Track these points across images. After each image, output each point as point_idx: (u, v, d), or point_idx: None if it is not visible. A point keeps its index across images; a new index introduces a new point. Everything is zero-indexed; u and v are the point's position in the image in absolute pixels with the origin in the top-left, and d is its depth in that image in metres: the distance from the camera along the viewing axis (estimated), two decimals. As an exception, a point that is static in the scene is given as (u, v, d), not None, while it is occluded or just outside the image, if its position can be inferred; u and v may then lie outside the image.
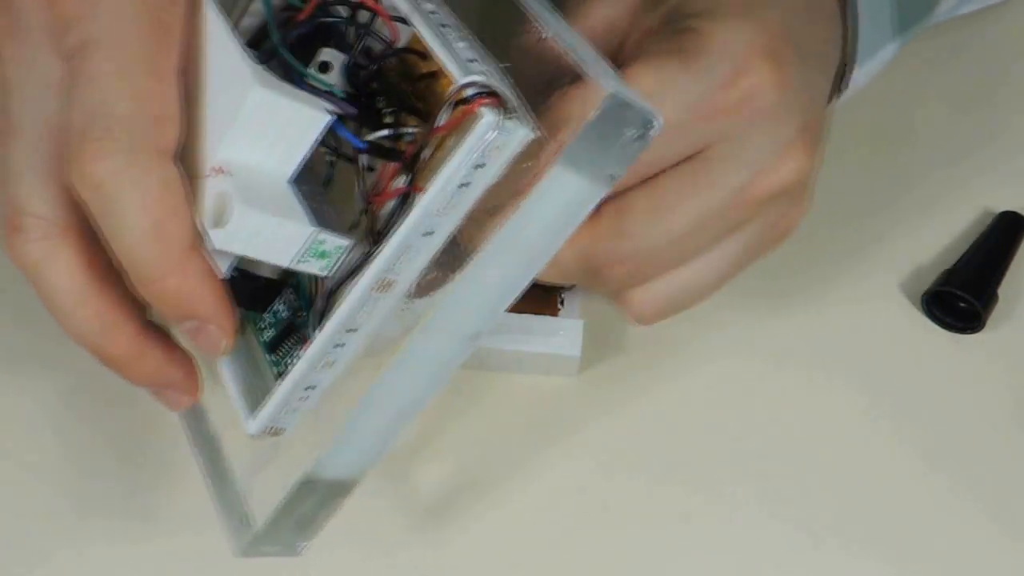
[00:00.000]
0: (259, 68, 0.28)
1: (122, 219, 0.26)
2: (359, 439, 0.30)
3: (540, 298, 0.38)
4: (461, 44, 0.29)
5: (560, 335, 0.37)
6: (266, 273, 0.33)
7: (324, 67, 0.30)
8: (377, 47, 0.30)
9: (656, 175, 0.31)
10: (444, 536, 0.36)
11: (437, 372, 0.29)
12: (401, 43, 0.30)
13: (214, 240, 0.27)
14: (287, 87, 0.28)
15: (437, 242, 0.28)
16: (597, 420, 0.38)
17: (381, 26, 0.30)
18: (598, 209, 0.29)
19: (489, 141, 0.27)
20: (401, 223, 0.28)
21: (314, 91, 0.29)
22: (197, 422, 0.33)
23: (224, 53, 0.28)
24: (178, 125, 0.27)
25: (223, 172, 0.27)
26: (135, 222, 0.26)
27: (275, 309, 0.33)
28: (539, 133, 0.27)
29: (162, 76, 0.27)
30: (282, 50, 0.30)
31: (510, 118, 0.27)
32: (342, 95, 0.30)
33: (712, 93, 0.30)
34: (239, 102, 0.27)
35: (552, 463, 0.37)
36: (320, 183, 0.31)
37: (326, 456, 0.30)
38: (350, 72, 0.30)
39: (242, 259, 0.31)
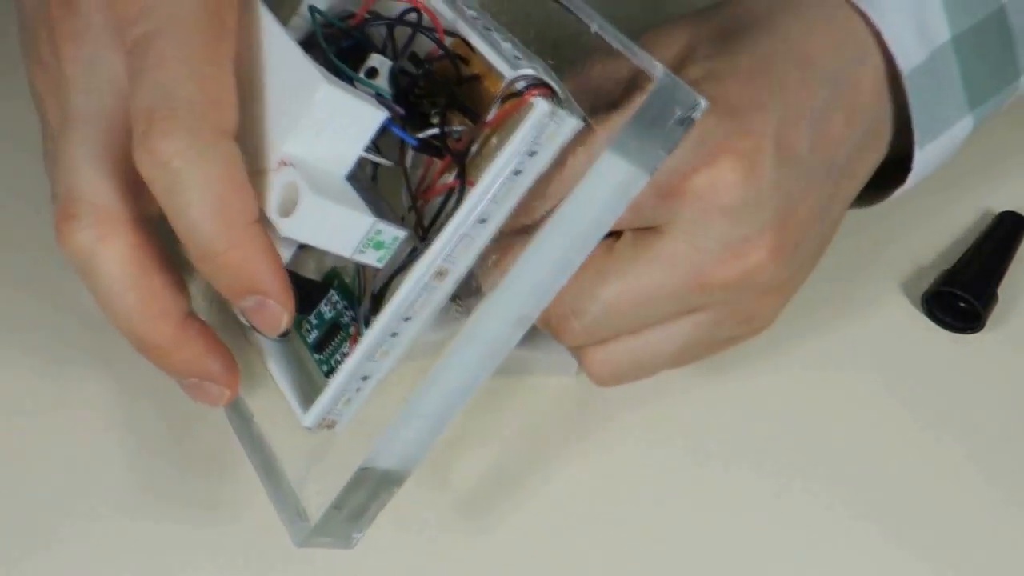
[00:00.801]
0: (323, 69, 0.29)
1: (188, 194, 0.27)
2: (412, 427, 0.31)
3: None
4: (506, 45, 0.30)
5: None
6: (311, 274, 0.34)
7: (372, 72, 0.32)
8: (420, 54, 0.32)
9: (615, 237, 0.33)
10: (444, 535, 0.36)
11: (488, 355, 0.30)
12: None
13: (283, 228, 0.28)
14: (348, 86, 0.29)
15: (490, 229, 0.29)
16: (597, 420, 0.38)
17: (422, 37, 0.32)
18: None
19: (543, 128, 0.28)
20: (456, 210, 0.29)
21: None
22: (244, 425, 0.34)
23: (284, 53, 0.30)
24: (236, 109, 0.29)
25: (288, 164, 0.29)
26: (200, 197, 0.27)
27: (319, 311, 0.34)
28: (588, 123, 0.29)
29: (220, 63, 0.29)
30: (332, 56, 0.31)
31: (562, 107, 0.28)
32: (389, 97, 0.31)
33: (676, 176, 0.31)
34: (305, 99, 0.28)
35: (551, 464, 0.37)
36: (368, 178, 0.32)
37: (381, 445, 0.30)
38: (395, 77, 0.32)
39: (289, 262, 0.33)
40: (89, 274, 0.30)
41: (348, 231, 0.29)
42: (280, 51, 0.30)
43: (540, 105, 0.28)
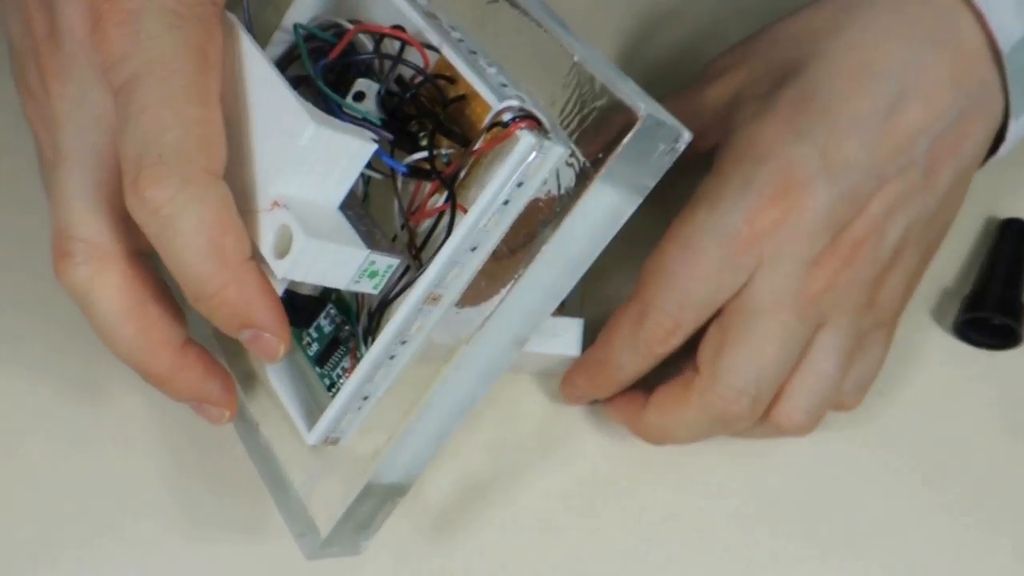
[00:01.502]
0: (309, 105, 0.29)
1: (180, 239, 0.28)
2: (415, 444, 0.32)
3: None
4: (491, 70, 0.31)
5: (560, 335, 0.38)
6: (307, 291, 0.34)
7: (359, 96, 0.32)
8: (406, 74, 0.32)
9: (721, 328, 0.35)
10: (444, 536, 0.37)
11: (486, 376, 0.32)
12: (430, 68, 0.32)
13: (278, 270, 0.29)
14: (335, 121, 0.30)
15: (481, 256, 0.30)
16: (596, 419, 0.39)
17: (407, 51, 0.32)
18: (692, 376, 0.35)
19: (528, 162, 0.29)
20: (448, 240, 0.30)
21: (352, 120, 0.31)
22: (250, 434, 0.35)
23: (270, 87, 0.30)
24: (224, 147, 0.29)
25: (281, 206, 0.29)
26: (193, 241, 0.28)
27: (319, 324, 0.34)
28: (574, 150, 0.29)
29: (206, 103, 0.29)
30: (321, 85, 0.31)
31: (547, 138, 0.29)
32: (378, 122, 0.32)
33: (743, 227, 0.34)
34: (294, 140, 0.29)
35: (550, 463, 0.38)
36: (360, 201, 0.33)
37: (385, 462, 0.32)
38: (383, 99, 0.32)
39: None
40: (87, 309, 0.30)
41: (343, 266, 0.30)
42: (265, 85, 0.30)
43: (525, 138, 0.28)
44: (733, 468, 0.38)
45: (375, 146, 0.30)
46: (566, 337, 0.38)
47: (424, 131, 0.32)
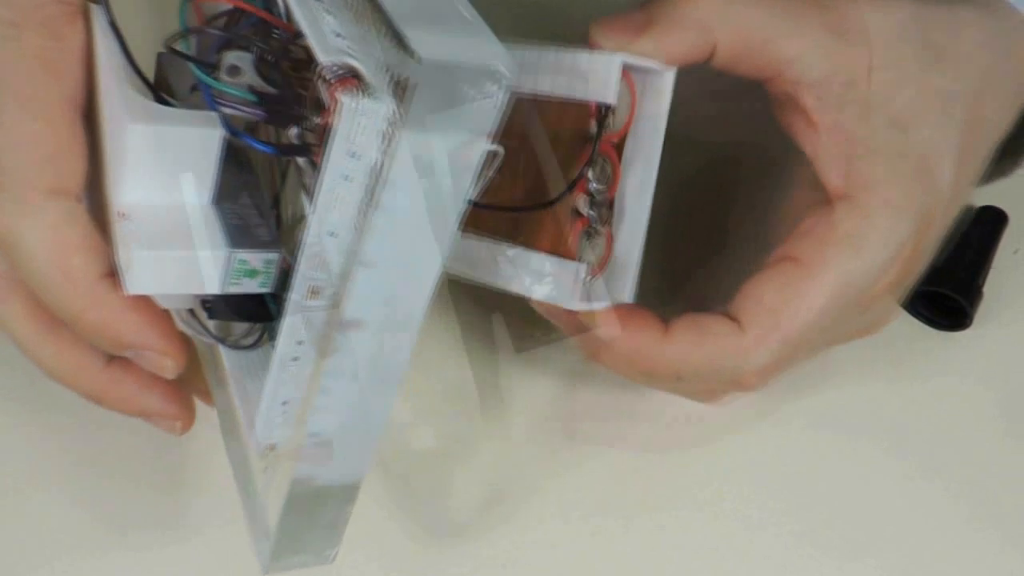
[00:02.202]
0: (137, 100, 0.27)
1: (27, 265, 0.27)
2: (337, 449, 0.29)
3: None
4: (329, 18, 0.26)
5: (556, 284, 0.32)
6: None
7: (233, 71, 0.29)
8: (281, 38, 0.28)
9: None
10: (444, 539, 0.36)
11: (382, 373, 0.28)
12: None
13: (128, 285, 0.27)
14: (170, 112, 0.27)
15: (345, 239, 0.26)
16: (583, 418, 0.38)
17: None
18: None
19: (353, 129, 0.24)
20: (305, 232, 0.26)
21: (227, 99, 0.28)
22: (232, 429, 0.34)
23: (110, 85, 0.27)
24: (77, 161, 0.27)
25: (124, 216, 0.27)
26: (38, 266, 0.27)
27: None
28: (396, 105, 0.24)
29: (50, 116, 0.27)
30: (194, 69, 0.28)
31: (368, 96, 0.24)
32: (255, 97, 0.28)
33: (873, 284, 0.32)
34: (123, 141, 0.26)
35: (543, 468, 0.37)
36: (258, 187, 0.30)
37: (307, 467, 0.29)
38: (261, 68, 0.29)
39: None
40: (10, 337, 0.30)
41: (204, 271, 0.27)
42: (108, 82, 0.28)
43: (345, 103, 0.24)
44: (727, 468, 0.37)
45: (221, 132, 0.27)
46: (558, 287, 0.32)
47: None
